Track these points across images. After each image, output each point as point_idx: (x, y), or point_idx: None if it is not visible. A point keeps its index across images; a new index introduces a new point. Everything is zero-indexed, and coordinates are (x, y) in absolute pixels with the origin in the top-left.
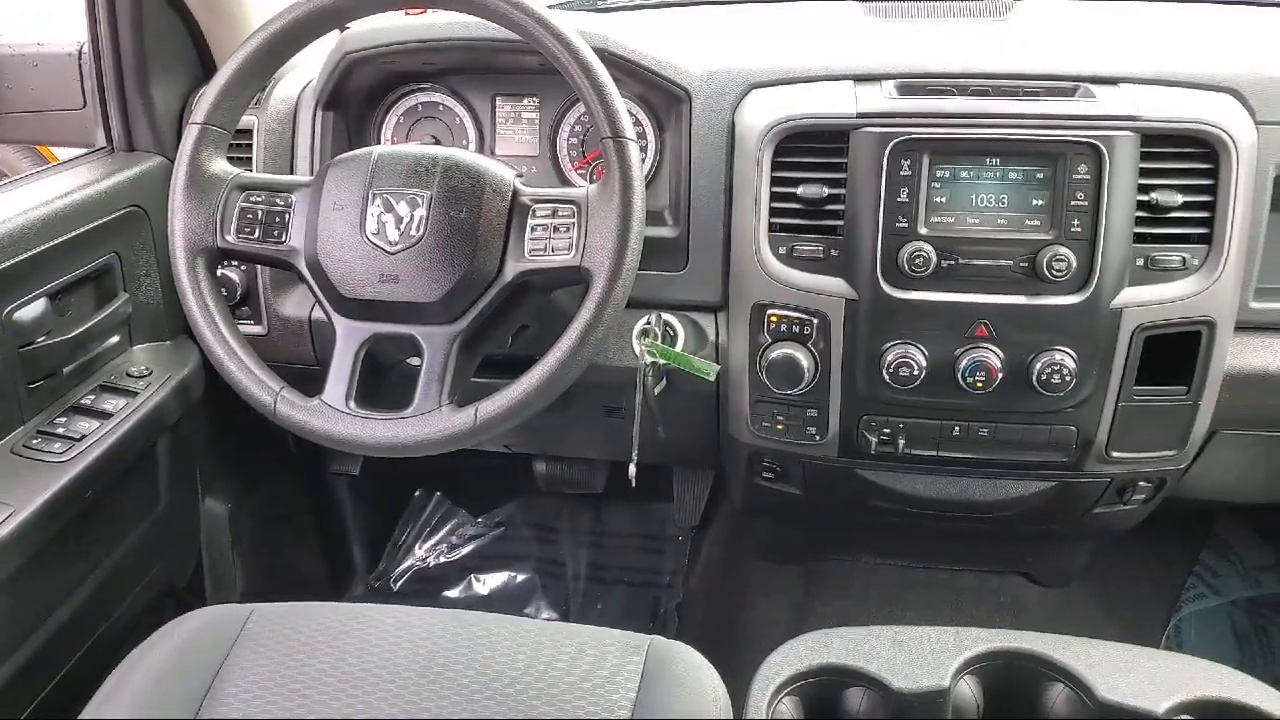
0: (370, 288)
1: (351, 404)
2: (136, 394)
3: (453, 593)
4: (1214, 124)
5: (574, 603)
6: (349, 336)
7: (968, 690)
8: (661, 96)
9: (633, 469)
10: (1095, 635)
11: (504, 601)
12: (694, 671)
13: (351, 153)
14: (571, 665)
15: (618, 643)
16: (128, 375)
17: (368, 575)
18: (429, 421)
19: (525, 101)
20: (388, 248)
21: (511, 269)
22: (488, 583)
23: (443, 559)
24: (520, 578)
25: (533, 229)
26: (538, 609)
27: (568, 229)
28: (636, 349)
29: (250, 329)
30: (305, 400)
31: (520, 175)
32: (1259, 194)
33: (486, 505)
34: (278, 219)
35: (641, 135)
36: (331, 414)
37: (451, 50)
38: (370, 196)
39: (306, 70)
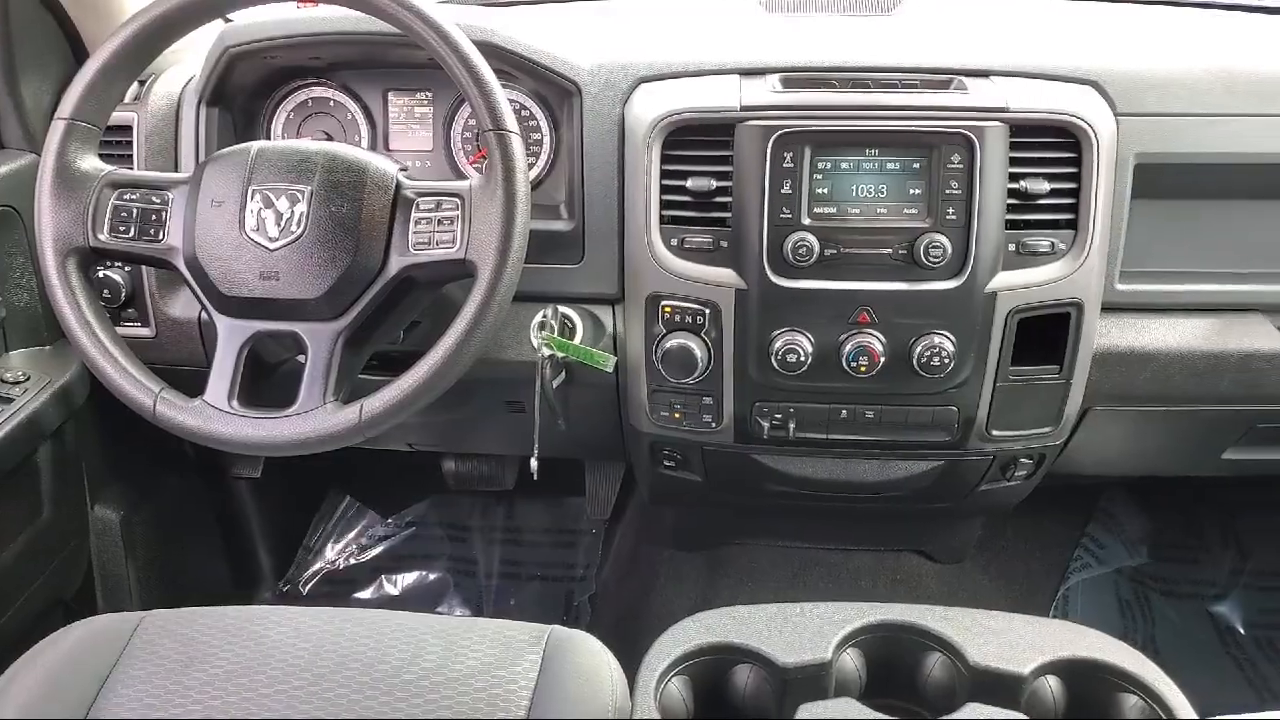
0: (251, 285)
1: (235, 403)
2: (12, 400)
3: (364, 594)
4: (1076, 115)
5: (487, 599)
6: (231, 335)
7: (850, 662)
8: (553, 91)
9: (534, 463)
10: (989, 607)
11: (416, 601)
12: (592, 659)
13: (229, 148)
14: (470, 659)
15: (517, 635)
16: (1, 381)
17: (276, 580)
18: (313, 419)
19: (418, 96)
20: (268, 244)
21: (396, 263)
22: (399, 583)
23: (353, 561)
24: (432, 577)
25: (416, 222)
26: (450, 607)
27: (452, 222)
28: (534, 342)
29: (137, 331)
30: (186, 401)
31: (405, 169)
32: (1120, 182)
33: (398, 505)
34: (154, 217)
35: (536, 129)
36: (213, 414)
37: (338, 45)
38: (249, 192)
39: (191, 65)
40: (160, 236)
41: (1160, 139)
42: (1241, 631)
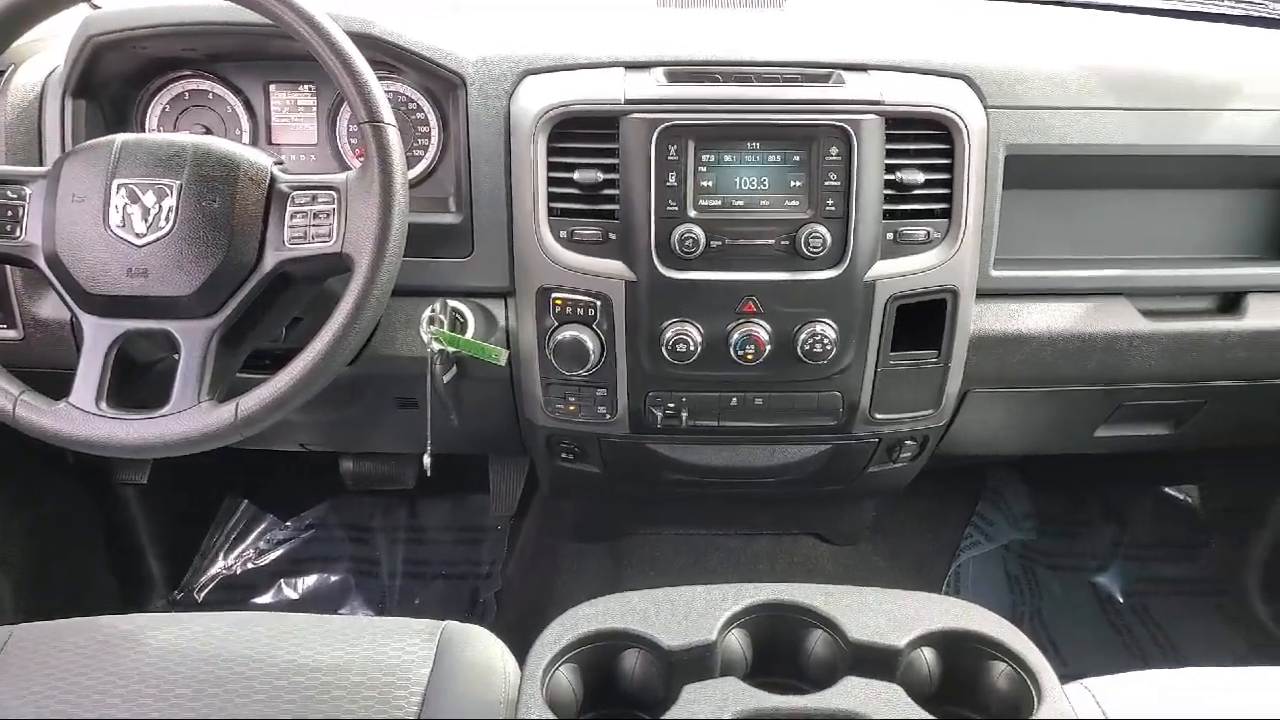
0: (117, 283)
1: (103, 405)
2: None
3: (263, 599)
4: (947, 108)
5: (390, 600)
6: (98, 335)
7: (736, 643)
8: (439, 83)
9: (427, 460)
10: (884, 586)
11: (317, 604)
12: (486, 653)
13: (91, 141)
14: (361, 658)
15: (410, 632)
16: None
17: (169, 589)
18: (186, 419)
19: (301, 89)
20: (134, 240)
21: (271, 258)
22: (299, 586)
23: (250, 566)
24: (333, 579)
25: (292, 216)
26: (353, 609)
27: (328, 216)
28: (424, 337)
29: (2, 334)
30: (49, 404)
31: (281, 163)
32: (991, 173)
33: (297, 508)
34: (9, 213)
35: (424, 123)
36: (79, 416)
37: (213, 36)
38: (113, 187)
39: (56, 53)
40: (18, 234)
41: (1029, 131)
42: (1120, 600)
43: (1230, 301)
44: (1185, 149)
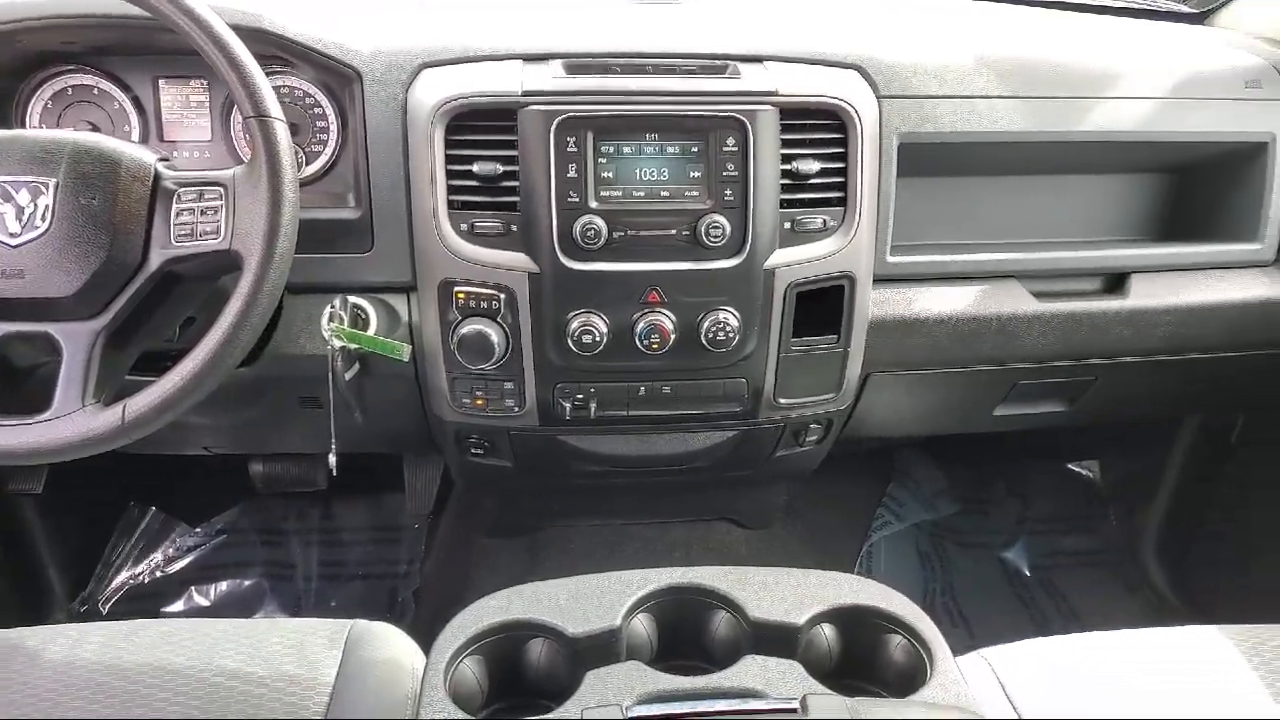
0: None
1: None
2: None
3: (172, 608)
4: (840, 98)
5: (306, 603)
6: None
7: (641, 627)
8: (335, 77)
9: (332, 459)
10: (796, 568)
11: (230, 610)
12: (395, 650)
13: None
14: (267, 661)
15: (317, 633)
16: None
17: (71, 601)
18: (70, 423)
19: (192, 84)
20: (8, 240)
21: (157, 257)
22: (210, 593)
23: (158, 574)
24: (247, 584)
25: (178, 214)
26: (267, 614)
27: (215, 212)
28: (325, 334)
29: None
30: None
31: (166, 159)
32: (885, 161)
33: (207, 513)
34: None
35: (322, 117)
36: None
37: (89, 29)
38: None
39: None
40: None
41: (921, 120)
42: (1027, 573)
43: (1115, 282)
44: (1070, 135)
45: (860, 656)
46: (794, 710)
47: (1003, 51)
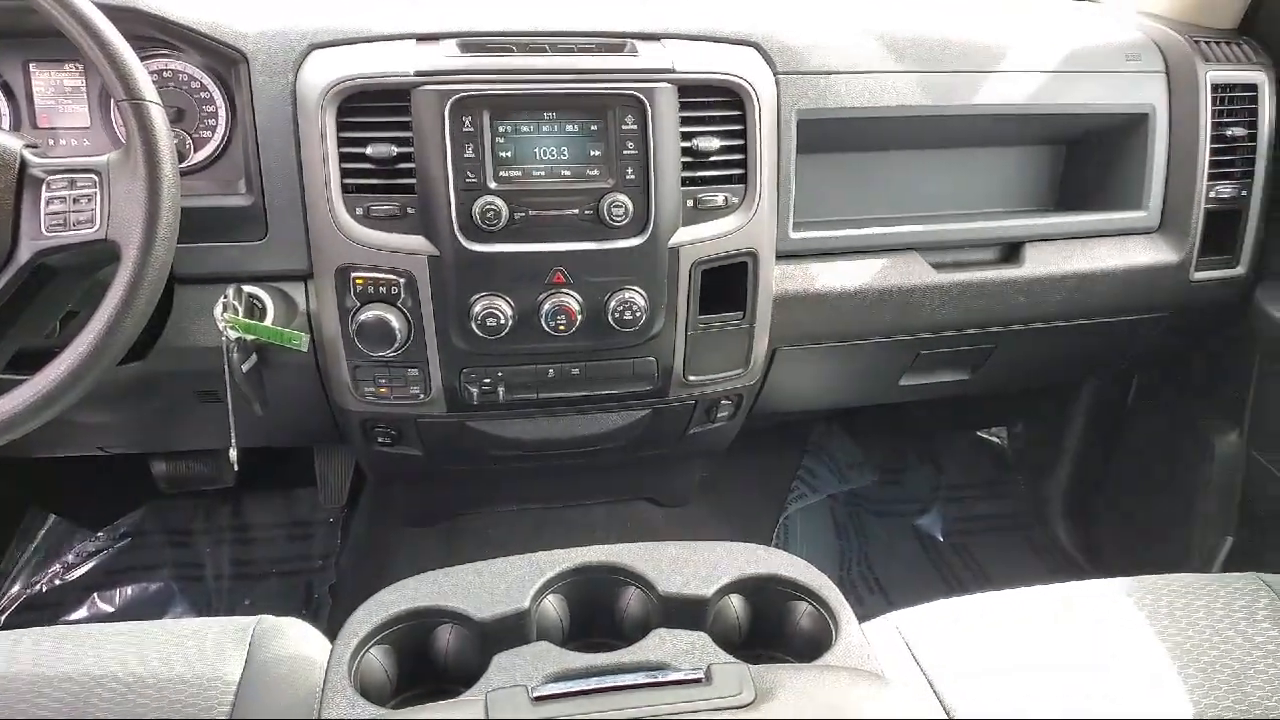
0: None
1: None
2: None
3: (74, 616)
4: (737, 75)
5: (219, 603)
6: None
7: (551, 608)
8: (221, 60)
9: (233, 454)
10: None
11: (136, 616)
12: (302, 644)
13: None
14: (169, 663)
15: (221, 631)
16: None
17: None
18: None
19: (67, 68)
20: None
21: (27, 249)
22: (115, 599)
23: (58, 582)
24: (154, 587)
25: (49, 203)
26: (176, 617)
27: (89, 200)
28: (219, 326)
29: None
30: None
31: (35, 146)
32: (784, 138)
33: (110, 517)
34: None
35: (209, 102)
36: None
37: None
38: None
39: None
40: None
41: (819, 96)
42: (940, 539)
43: (1010, 251)
44: (963, 109)
45: (769, 625)
46: (699, 680)
47: (897, 27)
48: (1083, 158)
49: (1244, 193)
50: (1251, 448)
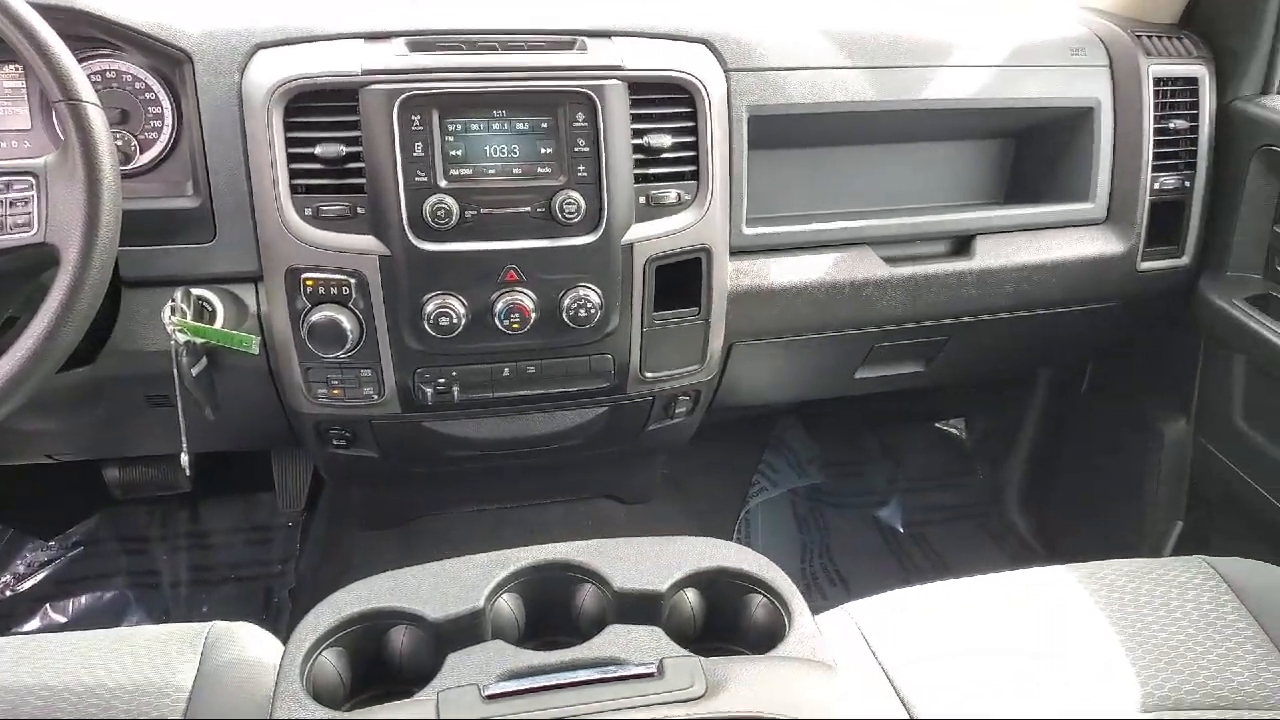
0: None
1: None
2: None
3: (27, 627)
4: (688, 73)
5: (175, 610)
6: None
7: (506, 607)
8: (165, 61)
9: (185, 459)
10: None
11: (89, 626)
12: (256, 649)
13: None
14: (118, 671)
15: (172, 639)
16: None
17: None
18: None
19: (6, 70)
20: None
21: None
22: (69, 609)
23: (8, 593)
24: (108, 596)
25: None
26: (131, 625)
27: (26, 203)
28: (168, 328)
29: None
30: None
31: None
32: (736, 134)
33: (63, 525)
34: None
35: (155, 103)
36: None
37: None
38: None
39: None
40: None
41: (770, 92)
42: (901, 530)
43: (961, 244)
44: (913, 104)
45: (724, 618)
46: (651, 675)
47: (847, 24)
48: (1031, 151)
49: (1187, 184)
50: (1198, 434)
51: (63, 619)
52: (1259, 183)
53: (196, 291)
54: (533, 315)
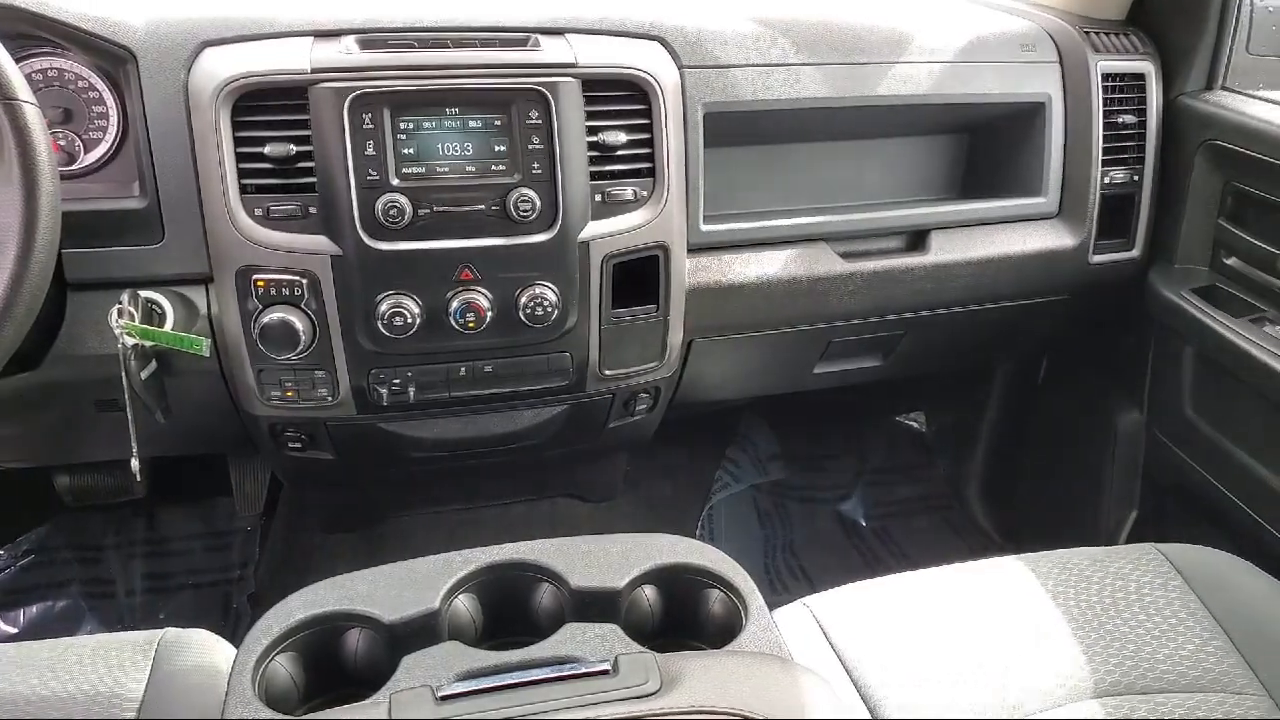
0: None
1: None
2: None
3: None
4: (642, 69)
5: (130, 619)
6: None
7: (463, 608)
8: (108, 59)
9: (135, 464)
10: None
11: (41, 636)
12: (209, 655)
13: None
14: (67, 681)
15: (123, 647)
16: None
17: None
18: None
19: None
20: None
21: None
22: (19, 619)
23: None
24: (60, 605)
25: None
26: (85, 635)
27: None
28: (115, 332)
29: None
30: None
31: None
32: (692, 131)
33: (12, 534)
34: None
35: (99, 102)
36: None
37: None
38: None
39: None
40: None
41: (725, 89)
42: (863, 524)
43: (916, 239)
44: (868, 100)
45: (682, 614)
46: (606, 672)
47: (801, 19)
48: (985, 146)
49: (1136, 178)
50: (1151, 425)
51: (13, 630)
52: (1204, 176)
53: (145, 294)
54: (488, 314)
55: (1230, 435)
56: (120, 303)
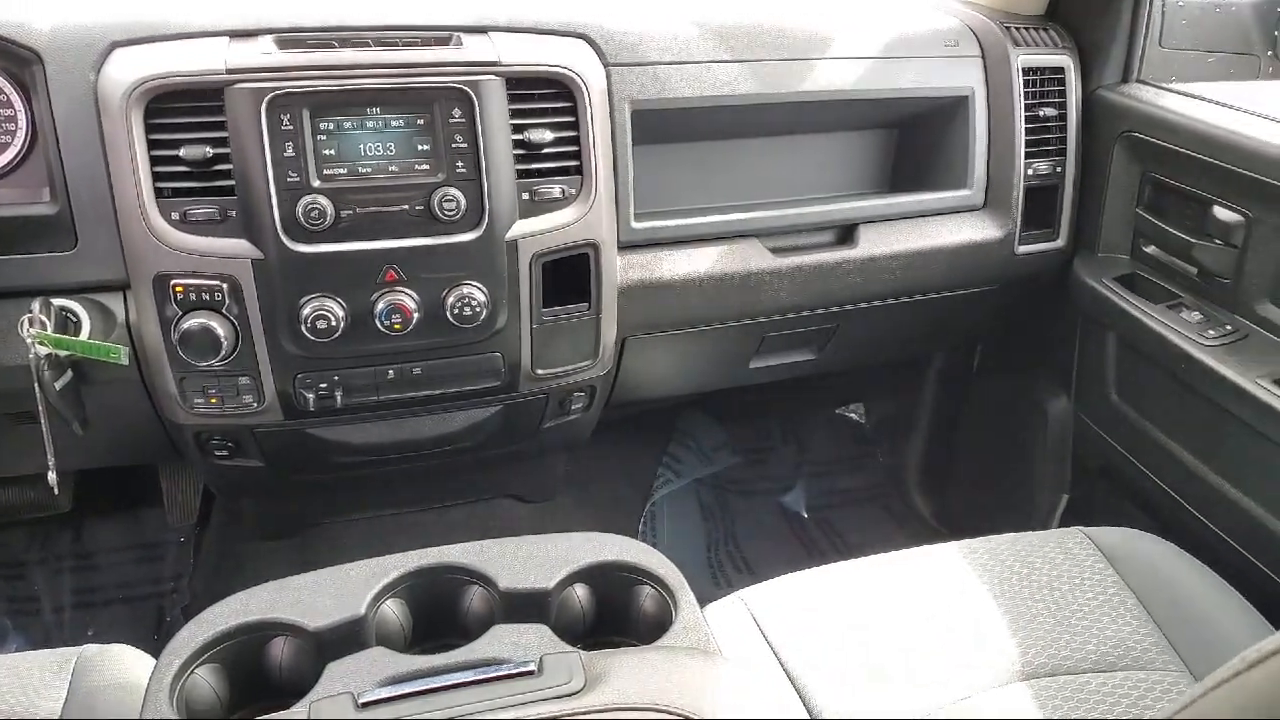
0: None
1: None
2: None
3: None
4: (566, 68)
5: (58, 636)
6: None
7: (391, 613)
8: (13, 61)
9: (52, 477)
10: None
11: None
12: (129, 671)
13: None
14: None
15: (38, 665)
16: None
17: None
18: None
19: None
20: None
21: None
22: None
23: None
24: None
25: None
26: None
27: None
28: (26, 341)
29: None
30: None
31: None
32: (619, 129)
33: None
34: None
35: (6, 105)
36: None
37: None
38: None
39: None
40: None
41: (651, 87)
42: (805, 515)
43: (846, 233)
44: (794, 96)
45: (614, 612)
46: (530, 673)
47: (728, 17)
48: (912, 140)
49: (1058, 169)
50: (1078, 410)
51: None
52: (1122, 166)
53: (58, 302)
54: (415, 315)
55: (1151, 419)
56: (31, 311)
